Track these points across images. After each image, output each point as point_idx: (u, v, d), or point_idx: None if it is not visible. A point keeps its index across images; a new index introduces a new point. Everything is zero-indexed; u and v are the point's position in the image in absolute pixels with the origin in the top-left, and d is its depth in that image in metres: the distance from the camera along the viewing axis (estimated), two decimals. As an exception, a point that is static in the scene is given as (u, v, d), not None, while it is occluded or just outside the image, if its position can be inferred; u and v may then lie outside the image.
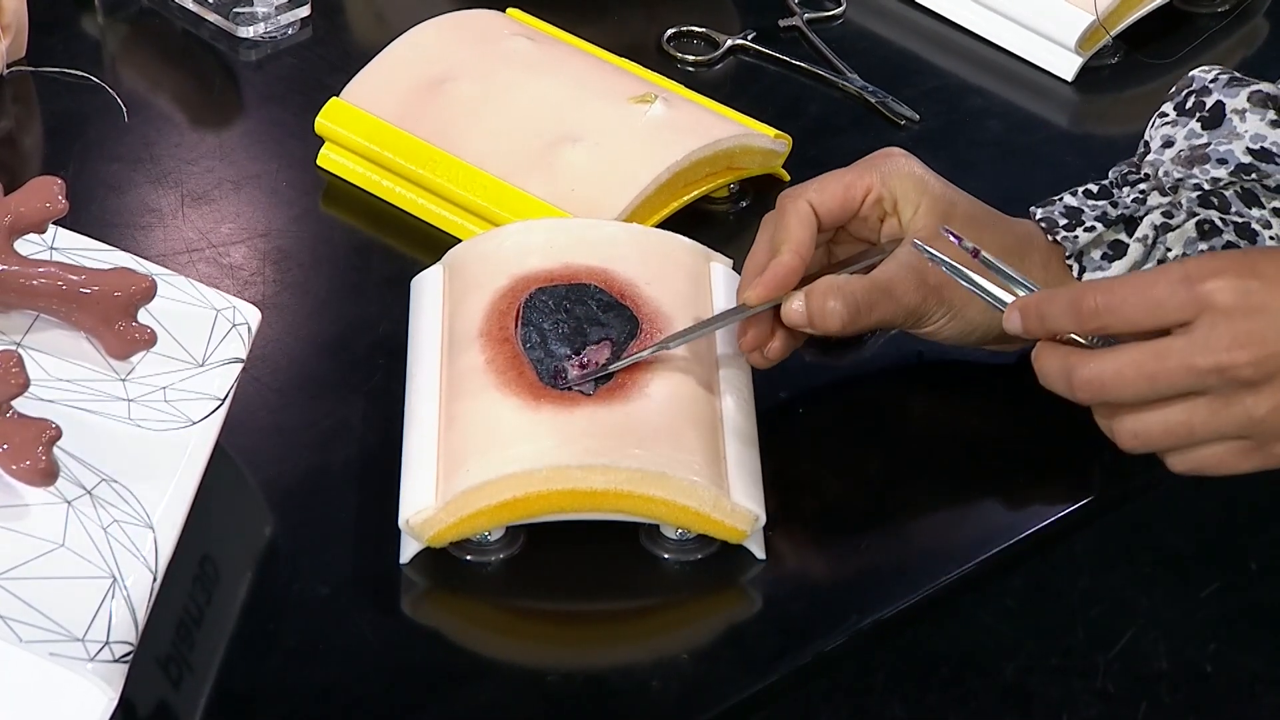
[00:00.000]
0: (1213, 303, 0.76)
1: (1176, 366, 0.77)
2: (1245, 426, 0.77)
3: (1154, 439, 0.79)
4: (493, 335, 0.87)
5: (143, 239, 1.00)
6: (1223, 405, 0.77)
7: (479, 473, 0.82)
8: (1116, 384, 0.78)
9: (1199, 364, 0.76)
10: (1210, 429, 0.78)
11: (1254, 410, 0.77)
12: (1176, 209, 0.91)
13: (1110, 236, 0.92)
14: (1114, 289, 0.78)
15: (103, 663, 0.71)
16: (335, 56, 1.13)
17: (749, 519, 0.83)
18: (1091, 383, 0.78)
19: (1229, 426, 0.78)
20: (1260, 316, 0.76)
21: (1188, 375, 0.77)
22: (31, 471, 0.73)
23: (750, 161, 1.04)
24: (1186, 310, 0.77)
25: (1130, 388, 0.78)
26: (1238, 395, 0.77)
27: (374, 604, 0.82)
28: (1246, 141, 0.90)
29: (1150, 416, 0.79)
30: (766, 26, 1.18)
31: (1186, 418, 0.78)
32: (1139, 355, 0.77)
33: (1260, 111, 0.91)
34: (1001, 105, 1.15)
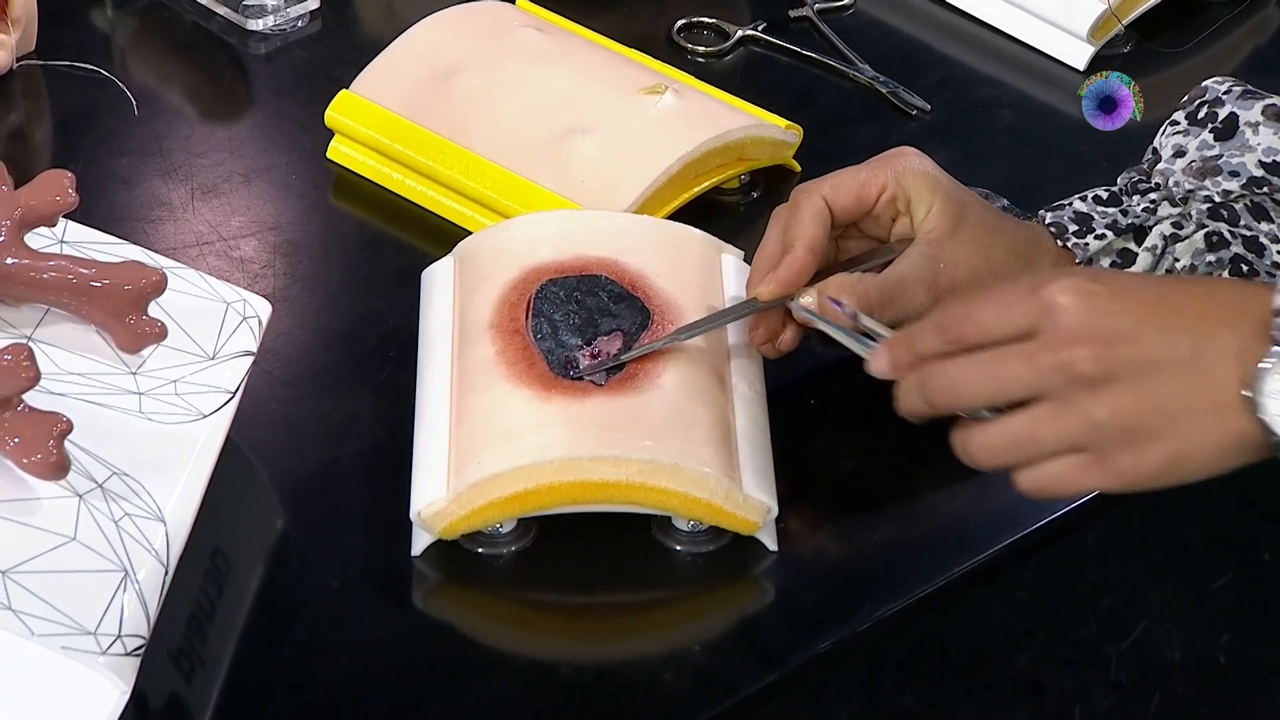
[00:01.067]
0: (1055, 305, 0.77)
1: (1018, 364, 0.77)
2: (1086, 431, 0.77)
3: (1001, 449, 0.79)
4: (503, 327, 0.87)
5: (153, 232, 1.00)
6: (1064, 409, 0.77)
7: (490, 464, 0.82)
8: (963, 383, 0.78)
9: (1040, 361, 0.77)
10: (1053, 435, 0.78)
11: (1094, 413, 0.77)
12: (1186, 220, 0.91)
13: (1120, 245, 0.92)
14: (970, 301, 0.80)
15: (115, 656, 0.71)
16: (345, 49, 1.13)
17: (761, 511, 0.83)
18: (941, 385, 0.79)
19: (1071, 431, 0.77)
20: (1100, 317, 0.77)
21: (1030, 373, 0.77)
22: (43, 465, 0.73)
23: (761, 152, 1.04)
24: (1032, 315, 0.77)
25: (976, 388, 0.78)
26: (1078, 397, 0.77)
27: (385, 597, 0.82)
28: (1259, 155, 0.90)
29: (996, 426, 0.79)
30: (777, 17, 1.18)
31: (1030, 425, 0.78)
32: (986, 355, 0.78)
33: (1274, 125, 0.91)
34: (1013, 95, 1.14)
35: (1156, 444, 0.77)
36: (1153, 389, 0.77)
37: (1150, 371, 0.77)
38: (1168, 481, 0.79)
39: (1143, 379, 0.77)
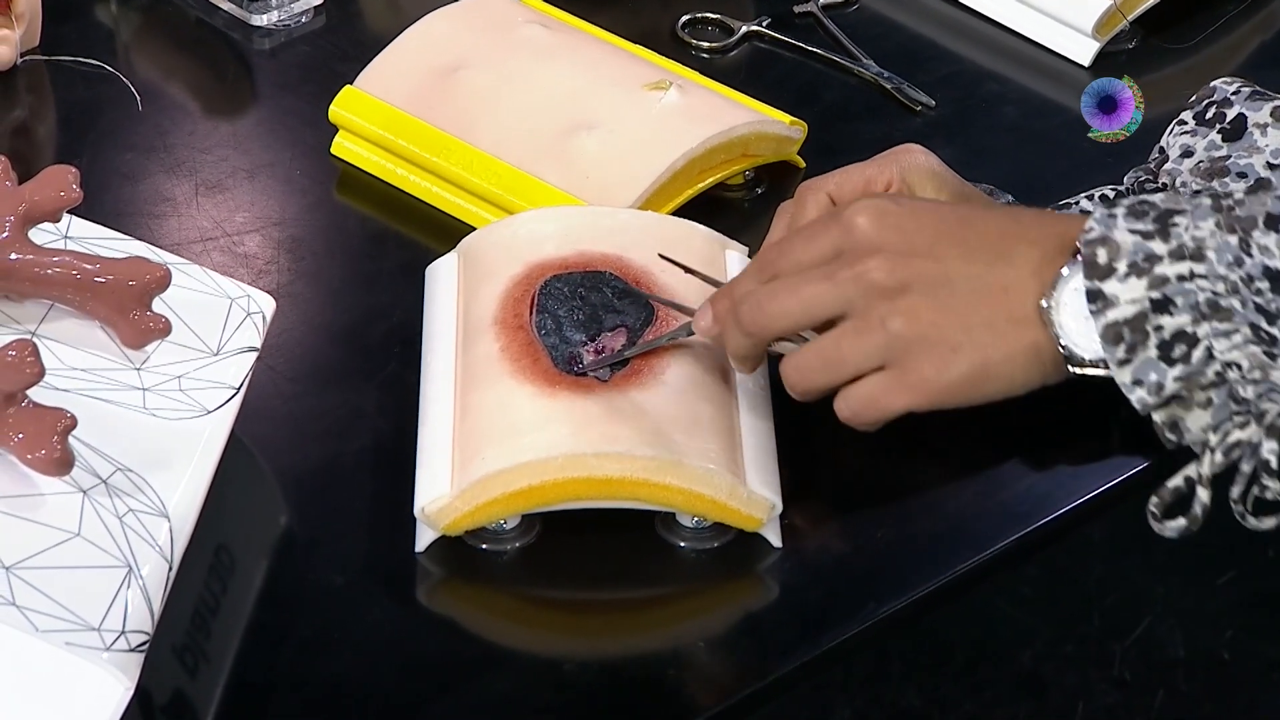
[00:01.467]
0: (852, 225, 0.81)
1: (819, 281, 0.81)
2: (885, 344, 0.80)
3: (811, 370, 0.82)
4: (507, 323, 0.87)
5: (157, 228, 1.00)
6: (864, 322, 0.80)
7: (494, 460, 0.82)
8: (771, 304, 0.81)
9: (839, 275, 0.80)
10: (857, 349, 0.81)
11: (889, 321, 0.80)
12: None
13: None
14: (783, 239, 0.84)
15: (118, 652, 0.71)
16: (349, 44, 1.13)
17: (765, 507, 0.83)
18: (751, 309, 0.82)
19: (872, 345, 0.80)
20: (896, 233, 0.81)
21: (830, 289, 0.81)
22: (47, 461, 0.73)
23: (765, 148, 1.04)
24: (835, 239, 0.81)
25: (784, 308, 0.81)
26: (877, 309, 0.80)
27: (389, 593, 0.82)
28: (1267, 156, 0.90)
29: (805, 348, 0.82)
30: (781, 13, 1.18)
31: (835, 342, 0.81)
32: (791, 278, 0.82)
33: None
34: (1018, 91, 1.14)
35: (957, 356, 0.80)
36: (949, 300, 0.80)
37: (946, 283, 0.80)
38: (974, 395, 0.82)
39: (938, 290, 0.80)
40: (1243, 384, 0.78)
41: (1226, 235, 0.78)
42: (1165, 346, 0.79)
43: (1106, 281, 0.79)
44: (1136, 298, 0.79)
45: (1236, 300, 0.78)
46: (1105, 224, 0.80)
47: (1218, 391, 0.79)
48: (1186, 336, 0.78)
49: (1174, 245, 0.79)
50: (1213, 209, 0.79)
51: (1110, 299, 0.79)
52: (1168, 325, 0.79)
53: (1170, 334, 0.79)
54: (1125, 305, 0.79)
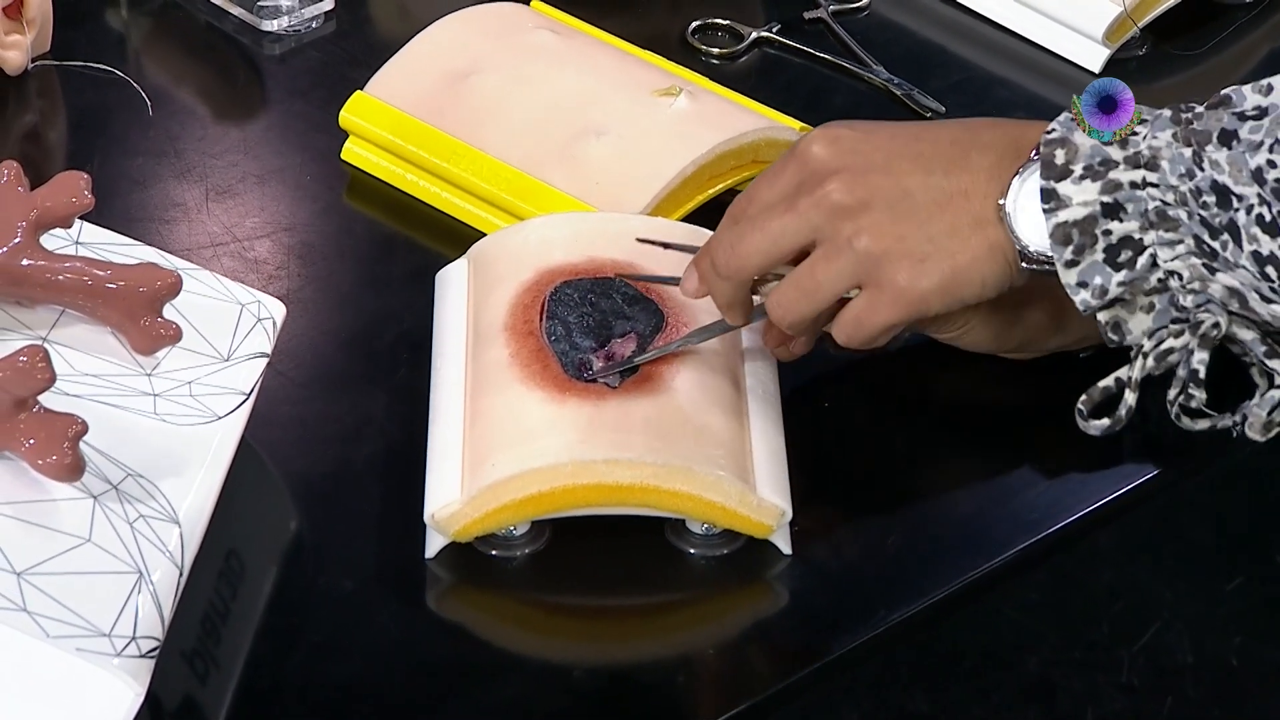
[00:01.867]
0: (808, 154, 0.83)
1: (783, 212, 0.82)
2: (857, 261, 0.81)
3: (792, 300, 0.83)
4: (517, 329, 0.87)
5: (167, 233, 1.00)
6: (832, 246, 0.82)
7: (504, 467, 0.82)
8: (742, 244, 0.83)
9: (800, 203, 0.82)
10: (831, 273, 0.82)
11: (857, 242, 0.81)
12: None
13: None
14: (752, 182, 0.86)
15: (129, 658, 0.71)
16: (359, 50, 1.13)
17: (775, 514, 0.83)
18: (725, 251, 0.84)
19: (844, 265, 0.82)
20: (849, 156, 0.82)
21: (795, 218, 0.82)
22: (58, 467, 0.74)
23: (775, 154, 1.03)
24: (795, 172, 0.83)
25: (755, 244, 0.83)
26: (841, 229, 0.81)
27: (399, 599, 0.82)
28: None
29: (784, 279, 0.83)
30: (791, 18, 1.18)
31: (809, 270, 0.82)
32: (759, 216, 0.83)
33: None
34: (1027, 97, 1.14)
35: (926, 264, 0.81)
36: (910, 211, 0.81)
37: (905, 196, 0.82)
38: (951, 299, 0.83)
39: (898, 203, 0.82)
40: (1182, 293, 0.80)
41: (1181, 147, 0.80)
42: (1112, 251, 0.80)
43: (1062, 183, 0.80)
44: (1088, 200, 0.80)
45: (1184, 212, 0.79)
46: (1067, 126, 0.82)
47: (1160, 298, 0.81)
48: (1133, 243, 0.80)
49: (1130, 152, 0.80)
50: (1172, 120, 0.81)
51: (1063, 199, 0.80)
52: (1116, 230, 0.80)
53: (1118, 239, 0.80)
54: (1077, 207, 0.80)
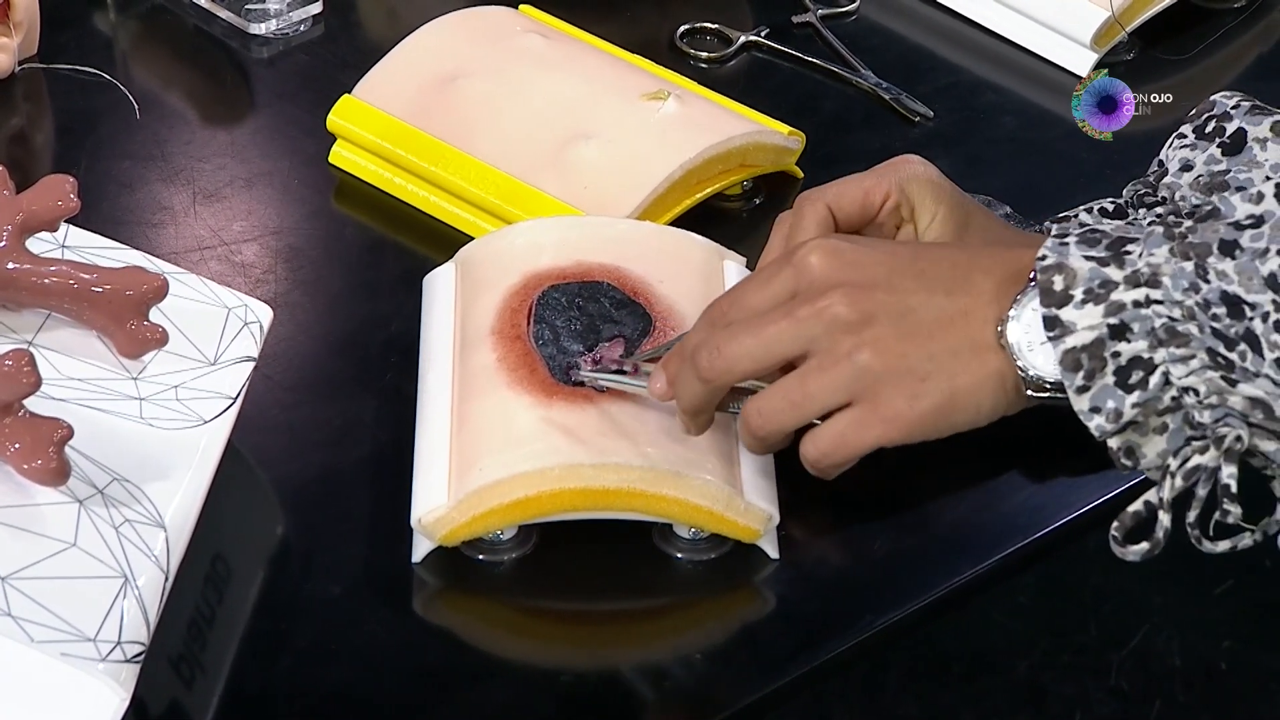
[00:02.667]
0: (806, 265, 0.81)
1: (779, 320, 0.80)
2: (854, 377, 0.79)
3: (776, 411, 0.81)
4: (505, 333, 0.87)
5: (154, 237, 1.00)
6: (829, 358, 0.80)
7: (491, 471, 0.82)
8: (729, 349, 0.80)
9: (799, 312, 0.80)
10: (824, 386, 0.80)
11: (857, 356, 0.79)
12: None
13: None
14: (735, 287, 0.83)
15: (114, 663, 0.71)
16: (347, 53, 1.13)
17: (762, 518, 0.83)
18: (710, 355, 0.81)
19: (840, 380, 0.79)
20: (850, 269, 0.80)
21: (791, 326, 0.80)
22: (43, 471, 0.73)
23: (763, 159, 1.04)
24: (789, 281, 0.81)
25: (743, 350, 0.80)
26: (841, 344, 0.79)
27: (386, 603, 0.82)
28: (1266, 170, 0.90)
29: (770, 388, 0.81)
30: (780, 23, 1.18)
31: (800, 381, 0.80)
32: (750, 321, 0.81)
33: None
34: (1016, 102, 1.14)
35: (926, 385, 0.79)
36: (912, 328, 0.80)
37: (907, 313, 0.80)
38: (944, 426, 0.81)
39: (901, 320, 0.80)
40: (1199, 409, 0.78)
41: (1181, 261, 0.78)
42: (1122, 373, 0.78)
43: (1064, 308, 0.79)
44: (1093, 324, 0.78)
45: (1194, 326, 0.78)
46: (1058, 251, 0.80)
47: (1173, 417, 0.79)
48: (1143, 362, 0.78)
49: (1129, 271, 0.79)
50: (1165, 236, 0.79)
51: (1067, 325, 0.79)
52: (1125, 351, 0.78)
53: (1127, 360, 0.78)
54: (1083, 331, 0.79)
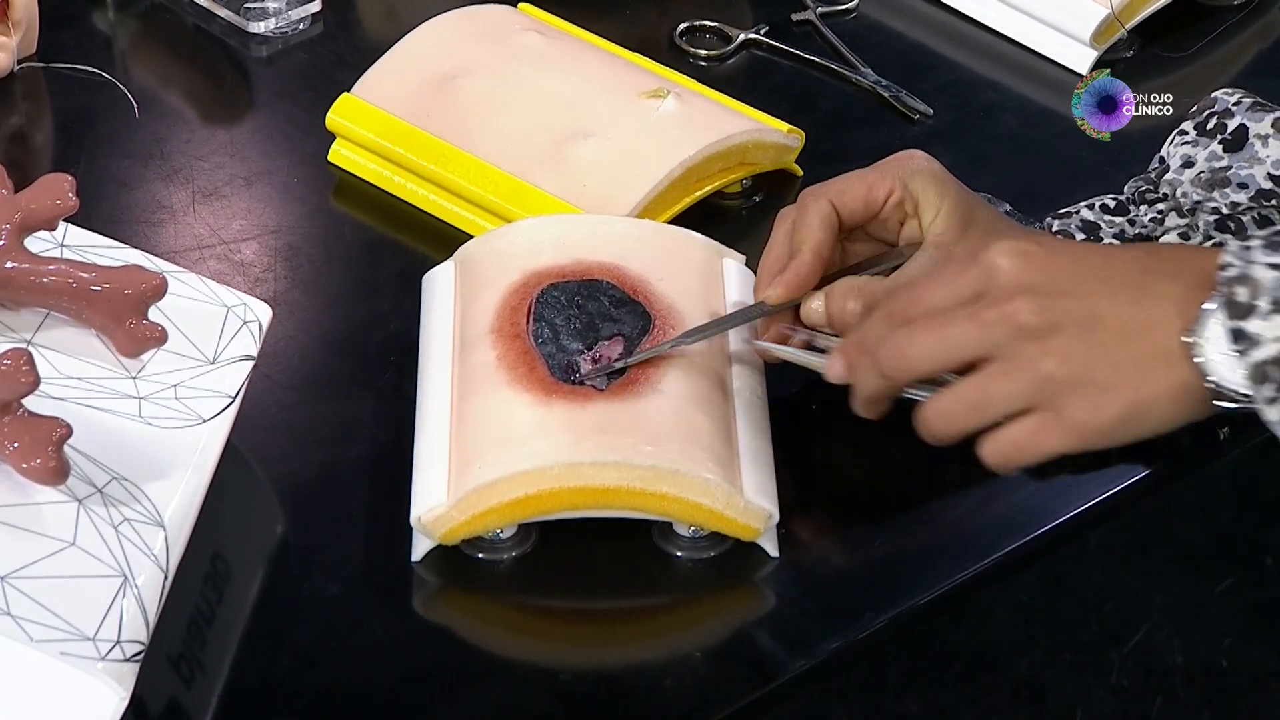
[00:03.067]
0: (996, 266, 0.79)
1: (964, 322, 0.79)
2: (1037, 385, 0.78)
3: (954, 414, 0.80)
4: (504, 331, 0.87)
5: (153, 235, 1.00)
6: (1013, 364, 0.79)
7: (491, 470, 0.81)
8: (912, 347, 0.80)
9: (984, 316, 0.79)
10: (1005, 392, 0.79)
11: (1041, 364, 0.78)
12: (1193, 230, 0.91)
13: None
14: (916, 281, 0.82)
15: (114, 662, 0.71)
16: (346, 52, 1.13)
17: (762, 517, 0.83)
18: (892, 352, 0.81)
19: (1021, 386, 0.79)
20: (1040, 274, 0.79)
21: (976, 329, 0.79)
22: (42, 470, 0.73)
23: (763, 157, 1.03)
24: (975, 281, 0.80)
25: (926, 350, 0.80)
26: (1025, 350, 0.78)
27: (385, 602, 0.82)
28: (1268, 167, 0.90)
29: (948, 392, 0.80)
30: (779, 21, 1.18)
31: (981, 385, 0.79)
32: (932, 319, 0.80)
33: None
34: (1016, 100, 1.14)
35: (1109, 395, 0.78)
36: (1099, 338, 0.78)
37: (1094, 322, 0.78)
38: (1126, 435, 0.80)
39: (1088, 329, 0.78)
40: None
41: None
42: None
43: (1249, 320, 0.77)
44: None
45: None
46: (1242, 258, 0.78)
47: None
48: None
49: None
50: None
51: (1254, 338, 0.77)
52: None
53: None
54: (1270, 344, 0.77)
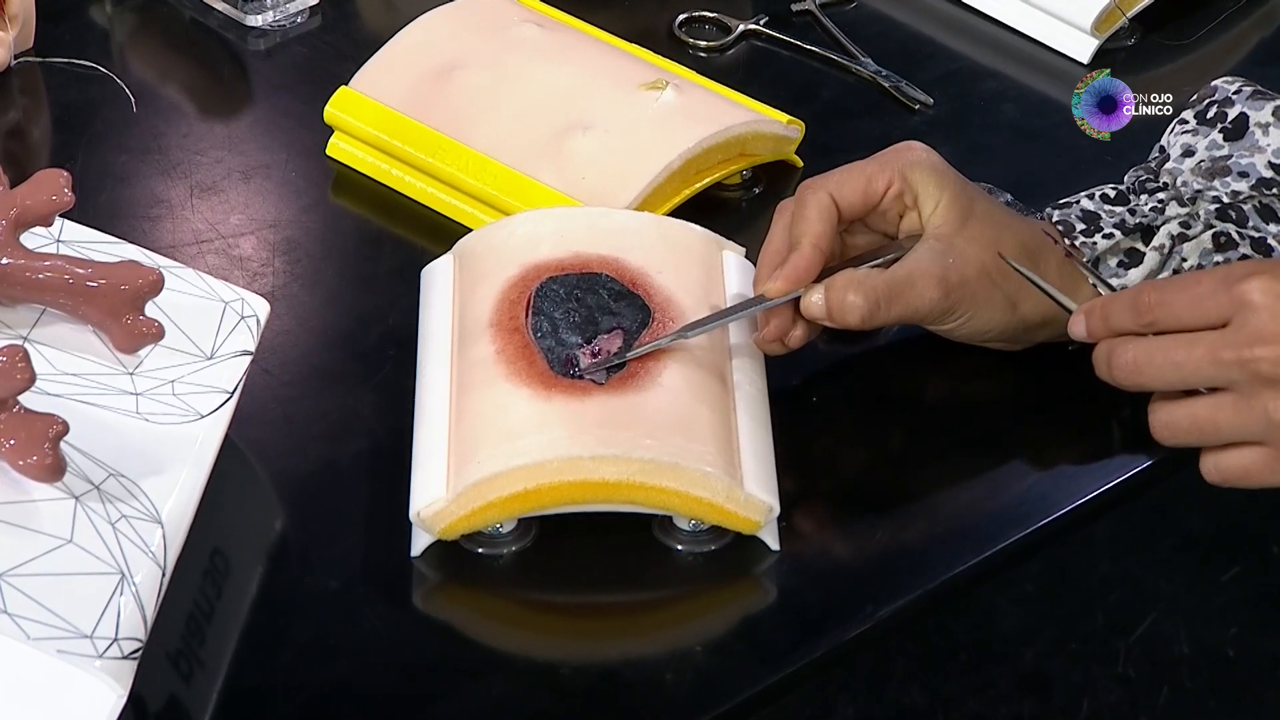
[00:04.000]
0: (1247, 301, 0.79)
1: (1203, 355, 0.79)
2: (1266, 428, 0.79)
3: (1181, 430, 0.81)
4: (503, 325, 0.86)
5: (151, 230, 1.00)
6: (1246, 403, 0.79)
7: (490, 464, 0.81)
8: (1148, 366, 0.81)
9: (1223, 355, 0.79)
10: (1234, 426, 0.80)
11: (1274, 411, 0.79)
12: (1194, 220, 0.90)
13: (1127, 244, 0.91)
14: (1166, 287, 0.81)
15: (111, 660, 0.70)
16: (344, 45, 1.12)
17: (763, 510, 0.82)
18: (1127, 364, 0.81)
19: (1252, 425, 0.79)
20: None
21: (1212, 366, 0.79)
22: (38, 467, 0.73)
23: (763, 148, 1.03)
24: (1224, 308, 0.79)
25: (1159, 372, 0.81)
26: (1260, 394, 0.79)
27: (385, 597, 0.82)
28: (1269, 156, 0.90)
29: (1180, 407, 0.81)
30: (779, 11, 1.17)
31: (1212, 413, 0.80)
32: (1171, 341, 0.80)
33: None
34: (1016, 89, 1.14)
35: None
36: None
37: None
38: None
39: None
40: None
41: None
42: None
43: None
44: None
45: None
46: None
47: None
48: None
49: None
50: None
51: None
52: None
53: None
54: None
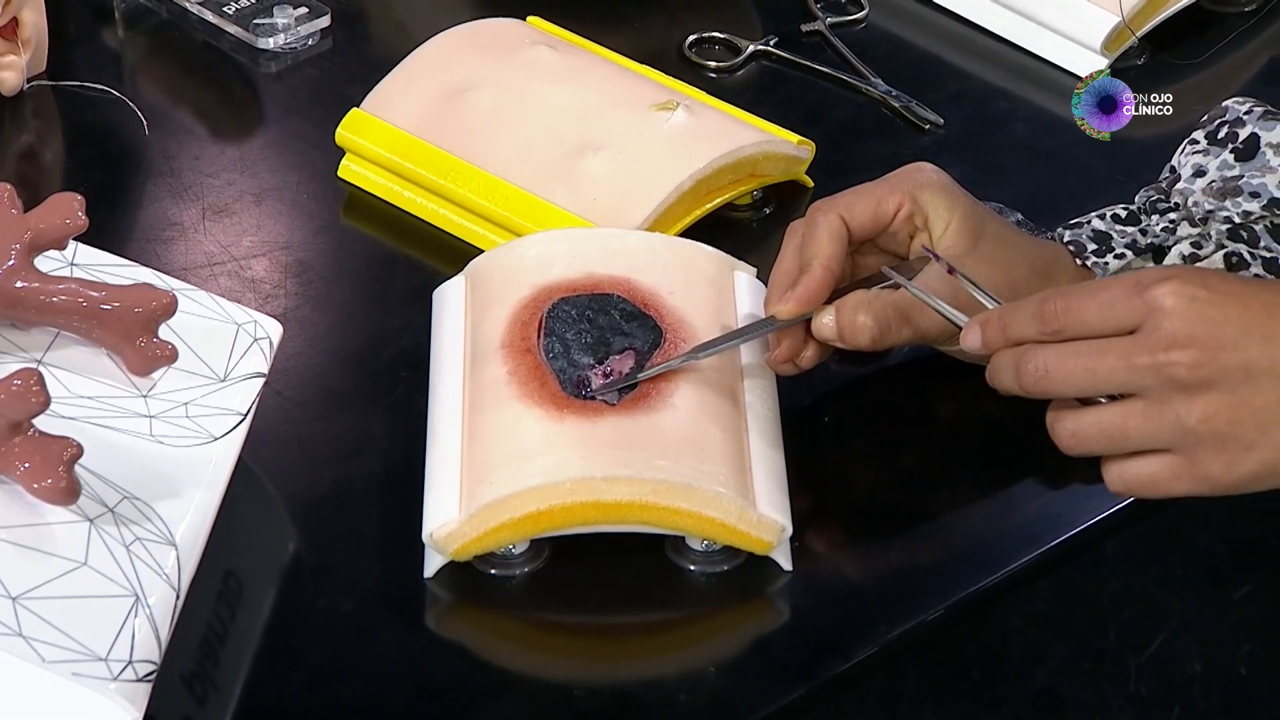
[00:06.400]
0: (1159, 305, 0.77)
1: (1115, 360, 0.78)
2: (1177, 435, 0.77)
3: (1089, 438, 0.79)
4: (515, 346, 0.87)
5: (164, 253, 1.00)
6: (1157, 409, 0.78)
7: (503, 485, 0.81)
8: (1059, 373, 0.79)
9: (1136, 360, 0.77)
10: (1144, 433, 0.78)
11: (1185, 417, 0.77)
12: (1206, 240, 0.90)
13: (1139, 264, 0.91)
14: (1072, 294, 0.80)
15: (126, 682, 0.70)
16: (355, 67, 1.13)
17: (775, 530, 0.83)
18: (1036, 371, 0.79)
19: (1161, 432, 0.78)
20: (1201, 324, 0.77)
21: (1125, 371, 0.78)
22: (53, 490, 0.73)
23: (773, 168, 1.03)
24: (1135, 314, 0.78)
25: (1071, 379, 0.79)
26: (1172, 400, 0.77)
27: (398, 619, 0.82)
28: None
29: (1085, 415, 0.79)
30: (789, 31, 1.17)
31: (1121, 419, 0.78)
32: (1082, 347, 0.79)
33: None
34: (1027, 108, 1.14)
35: (1249, 453, 0.77)
36: (1249, 398, 0.77)
37: (1247, 381, 0.77)
38: (1257, 489, 0.79)
39: (1239, 388, 0.77)
40: None
41: None
42: None
43: None
44: None
45: None
46: None
47: None
48: None
49: None
50: None
51: None
52: None
53: None
54: None
